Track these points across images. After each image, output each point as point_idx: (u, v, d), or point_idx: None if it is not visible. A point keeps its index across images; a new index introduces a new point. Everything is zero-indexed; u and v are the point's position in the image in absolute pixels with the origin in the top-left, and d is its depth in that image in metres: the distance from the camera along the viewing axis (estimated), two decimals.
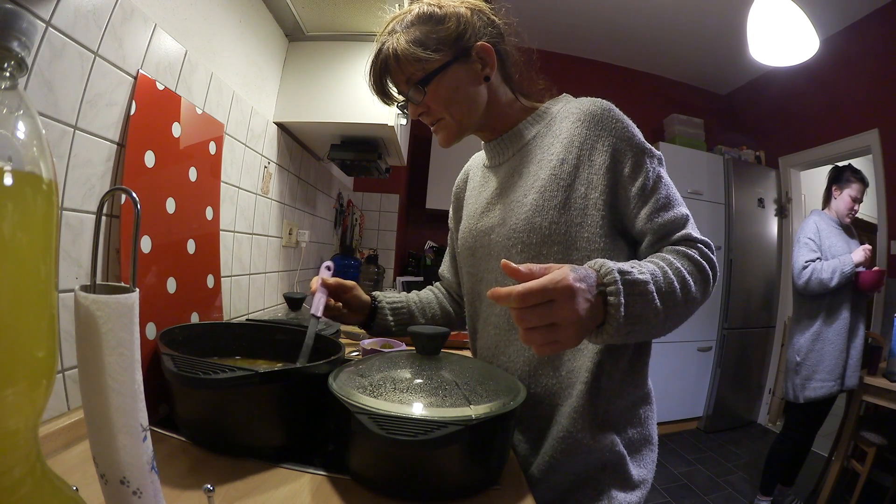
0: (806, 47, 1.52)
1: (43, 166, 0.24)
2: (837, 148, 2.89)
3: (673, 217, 0.63)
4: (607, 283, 0.49)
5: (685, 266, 0.58)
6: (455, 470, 0.53)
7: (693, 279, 0.57)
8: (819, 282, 1.86)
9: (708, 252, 0.62)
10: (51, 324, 0.26)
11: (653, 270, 0.54)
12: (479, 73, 0.67)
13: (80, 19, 0.60)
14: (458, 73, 0.66)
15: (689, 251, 0.60)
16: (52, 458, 0.53)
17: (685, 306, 0.56)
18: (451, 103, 0.67)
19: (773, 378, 3.31)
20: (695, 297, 0.57)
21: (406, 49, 0.63)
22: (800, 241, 2.00)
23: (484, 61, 0.67)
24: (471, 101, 0.68)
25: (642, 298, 0.51)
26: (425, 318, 0.92)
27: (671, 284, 0.54)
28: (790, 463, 2.04)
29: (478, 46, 0.66)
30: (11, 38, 0.24)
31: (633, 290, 0.50)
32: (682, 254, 0.60)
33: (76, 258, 0.62)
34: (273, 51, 1.31)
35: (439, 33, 0.64)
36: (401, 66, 0.66)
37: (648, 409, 0.70)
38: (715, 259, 0.62)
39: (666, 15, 2.91)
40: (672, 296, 0.54)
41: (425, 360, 0.62)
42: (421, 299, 0.95)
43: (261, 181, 1.27)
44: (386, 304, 0.89)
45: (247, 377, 0.54)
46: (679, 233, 0.63)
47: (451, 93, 0.66)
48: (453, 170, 0.82)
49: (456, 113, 0.68)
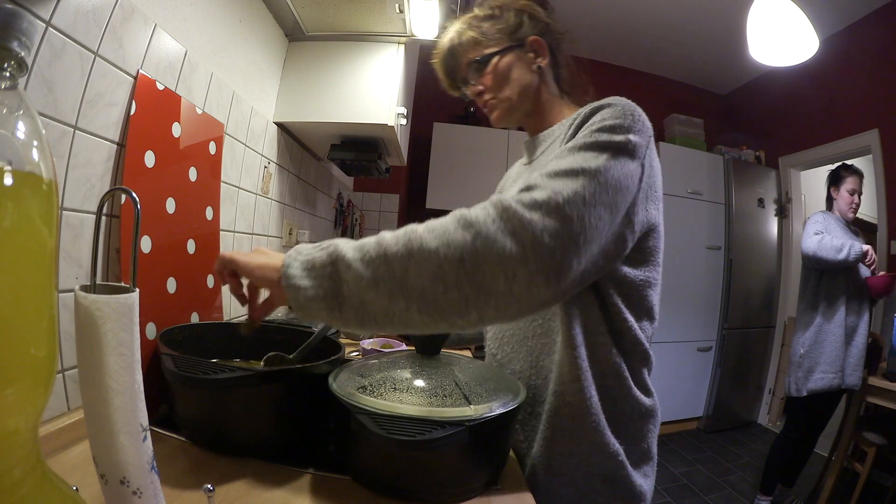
0: (806, 47, 1.52)
1: (43, 166, 0.24)
2: (837, 148, 2.89)
3: (545, 175, 0.51)
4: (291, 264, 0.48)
5: (415, 232, 0.47)
6: (455, 470, 0.53)
7: (431, 227, 0.47)
8: (830, 247, 1.86)
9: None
10: (51, 324, 0.26)
11: (386, 239, 0.46)
12: (531, 62, 0.75)
13: (80, 19, 0.60)
14: (513, 58, 0.74)
15: (490, 204, 0.48)
16: (52, 458, 0.53)
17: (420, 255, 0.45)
18: (505, 82, 0.74)
19: (773, 378, 3.31)
20: (432, 243, 0.45)
21: (470, 36, 0.75)
22: (808, 223, 2.04)
23: (536, 53, 0.75)
24: (522, 84, 0.75)
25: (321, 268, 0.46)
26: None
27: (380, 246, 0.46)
28: (791, 463, 2.04)
29: (531, 39, 0.74)
30: (11, 38, 0.24)
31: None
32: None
33: (76, 258, 0.62)
34: (273, 51, 1.31)
35: (498, 24, 0.75)
36: (464, 52, 0.76)
37: (651, 423, 0.68)
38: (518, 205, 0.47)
39: (666, 15, 2.91)
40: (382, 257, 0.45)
41: (425, 360, 0.62)
42: None
43: (261, 181, 1.27)
44: None
45: (247, 377, 0.54)
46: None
47: (505, 73, 0.74)
48: (453, 170, 0.83)
49: (509, 91, 0.75)
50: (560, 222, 0.45)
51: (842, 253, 1.83)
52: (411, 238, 0.46)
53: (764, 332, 3.33)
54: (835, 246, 1.85)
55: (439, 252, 0.44)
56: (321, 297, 0.46)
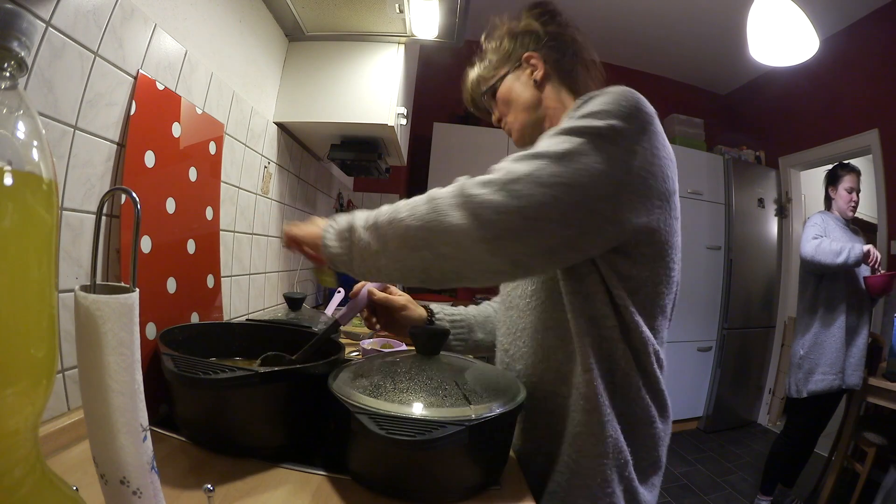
0: (806, 47, 1.52)
1: (43, 166, 0.24)
2: (837, 148, 2.89)
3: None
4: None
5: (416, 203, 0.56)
6: (455, 470, 0.53)
7: (414, 204, 0.56)
8: (828, 251, 1.85)
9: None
10: (51, 324, 0.26)
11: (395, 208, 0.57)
12: (529, 78, 0.77)
13: (80, 19, 0.60)
14: (512, 81, 0.78)
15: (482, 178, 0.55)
16: (52, 458, 0.53)
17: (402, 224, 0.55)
18: (509, 106, 0.78)
19: (773, 378, 3.31)
20: (408, 218, 0.54)
21: (477, 74, 0.82)
22: (807, 225, 2.04)
23: (533, 67, 0.76)
24: (524, 102, 0.77)
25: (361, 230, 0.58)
26: (484, 333, 0.91)
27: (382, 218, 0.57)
28: (791, 463, 2.04)
29: (525, 56, 0.76)
30: (11, 38, 0.24)
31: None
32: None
33: (76, 258, 0.62)
34: (273, 51, 1.31)
35: (497, 54, 0.79)
36: (480, 85, 0.82)
37: (659, 429, 0.67)
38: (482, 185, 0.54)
39: (665, 15, 2.91)
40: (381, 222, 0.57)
41: (425, 360, 0.62)
42: (480, 312, 0.94)
43: (261, 181, 1.27)
44: (446, 318, 0.88)
45: (247, 377, 0.54)
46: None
47: (507, 95, 0.78)
48: (453, 170, 0.83)
49: (514, 113, 0.78)
50: (505, 198, 0.51)
51: (840, 256, 1.82)
52: (396, 208, 0.57)
53: (764, 332, 3.34)
54: (833, 250, 1.84)
55: (406, 221, 0.54)
56: (339, 255, 0.59)
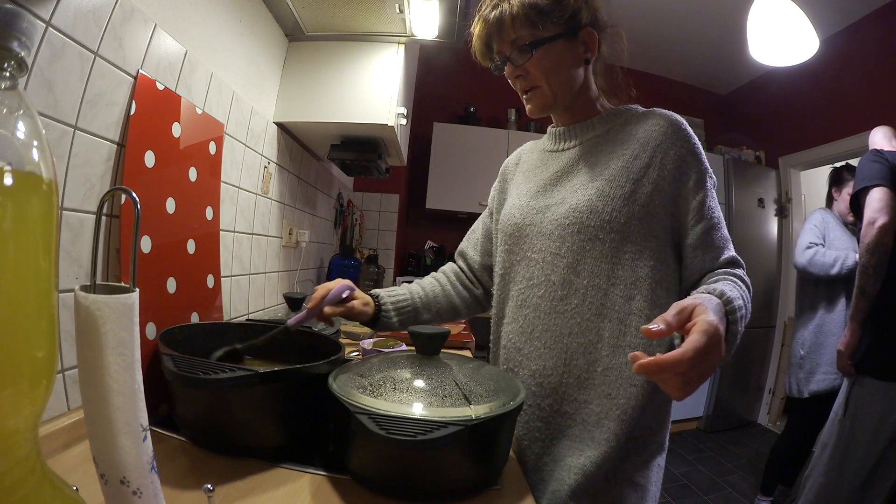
0: (806, 47, 1.52)
1: (43, 166, 0.24)
2: (837, 148, 2.89)
3: (721, 237, 0.70)
4: (729, 311, 0.55)
5: (745, 295, 0.62)
6: (455, 470, 0.53)
7: (748, 303, 0.63)
8: (822, 264, 1.87)
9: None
10: (51, 324, 0.26)
11: (742, 294, 0.60)
12: (580, 55, 0.72)
13: (80, 19, 0.60)
14: (564, 47, 0.70)
15: (745, 278, 0.67)
16: (52, 458, 0.54)
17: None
18: (551, 73, 0.70)
19: (773, 378, 3.31)
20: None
21: (524, 12, 0.67)
22: (805, 227, 2.05)
23: (587, 45, 0.72)
24: (569, 76, 0.72)
25: (742, 322, 0.58)
26: (430, 314, 0.88)
27: (748, 310, 0.60)
28: (792, 463, 2.04)
29: (585, 30, 0.71)
30: (11, 38, 0.24)
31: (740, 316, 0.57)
32: (742, 280, 0.66)
33: (76, 258, 0.62)
34: (273, 51, 1.31)
35: (555, 9, 0.68)
36: (514, 27, 0.69)
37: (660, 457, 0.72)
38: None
39: (666, 15, 2.91)
40: (745, 319, 0.60)
41: (425, 360, 0.62)
42: (426, 293, 0.89)
43: (261, 181, 1.27)
44: (390, 305, 0.84)
45: (247, 377, 0.54)
46: (727, 254, 0.70)
47: (553, 63, 0.70)
48: (453, 170, 0.82)
49: (554, 84, 0.71)
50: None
51: (834, 269, 1.84)
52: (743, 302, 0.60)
53: (764, 332, 3.33)
54: (826, 263, 1.86)
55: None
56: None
